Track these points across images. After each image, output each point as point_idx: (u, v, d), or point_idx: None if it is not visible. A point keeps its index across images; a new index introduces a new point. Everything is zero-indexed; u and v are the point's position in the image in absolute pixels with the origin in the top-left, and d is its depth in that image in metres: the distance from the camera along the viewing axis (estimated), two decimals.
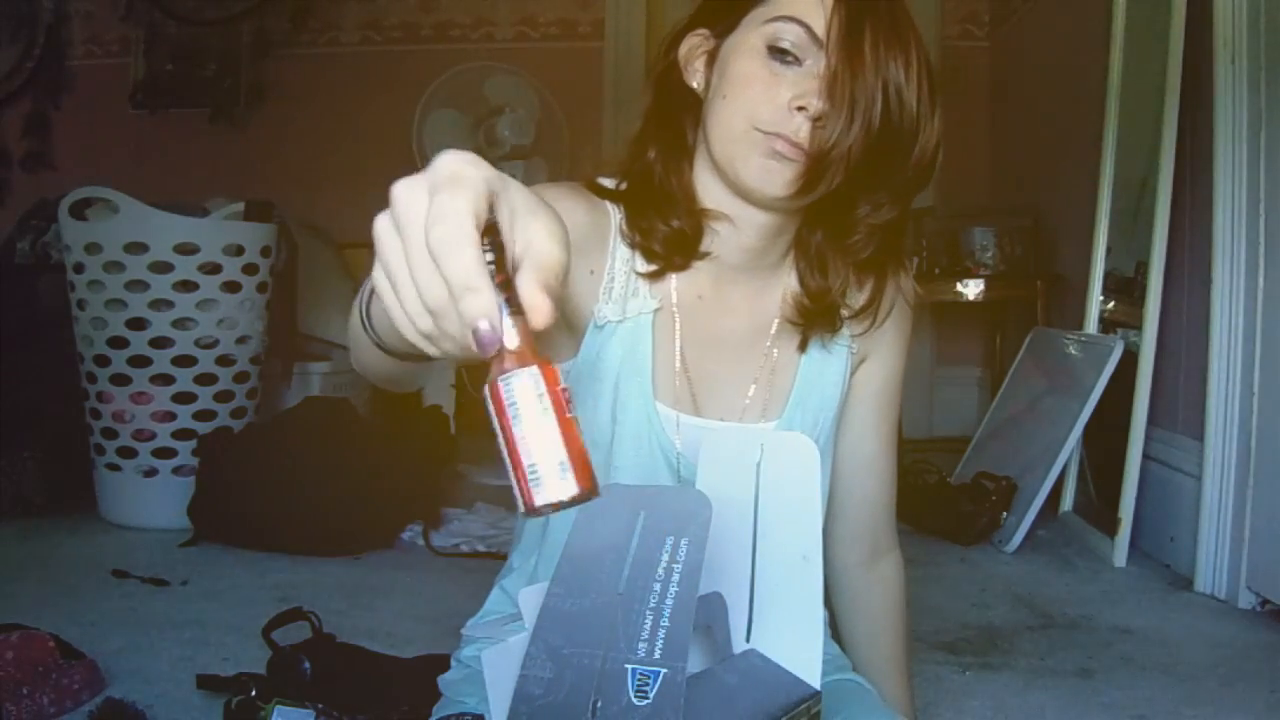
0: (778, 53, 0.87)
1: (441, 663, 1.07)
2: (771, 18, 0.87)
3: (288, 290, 3.01)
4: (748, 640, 0.77)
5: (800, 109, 0.86)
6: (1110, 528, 2.19)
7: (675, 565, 0.69)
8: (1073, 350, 2.50)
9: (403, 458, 2.44)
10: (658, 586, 0.69)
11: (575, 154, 3.58)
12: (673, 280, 0.97)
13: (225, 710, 1.30)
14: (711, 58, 0.93)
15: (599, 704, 0.65)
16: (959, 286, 3.04)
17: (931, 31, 3.68)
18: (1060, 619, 1.84)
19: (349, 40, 3.91)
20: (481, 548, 2.25)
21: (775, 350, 1.00)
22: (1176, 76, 2.14)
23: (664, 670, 0.65)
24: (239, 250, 2.39)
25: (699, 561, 0.70)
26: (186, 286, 2.34)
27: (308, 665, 1.34)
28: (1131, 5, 2.45)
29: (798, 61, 0.86)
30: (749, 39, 0.89)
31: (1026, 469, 2.38)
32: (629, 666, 0.66)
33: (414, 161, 3.38)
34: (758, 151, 0.88)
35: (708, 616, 0.76)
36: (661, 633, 0.67)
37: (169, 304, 2.33)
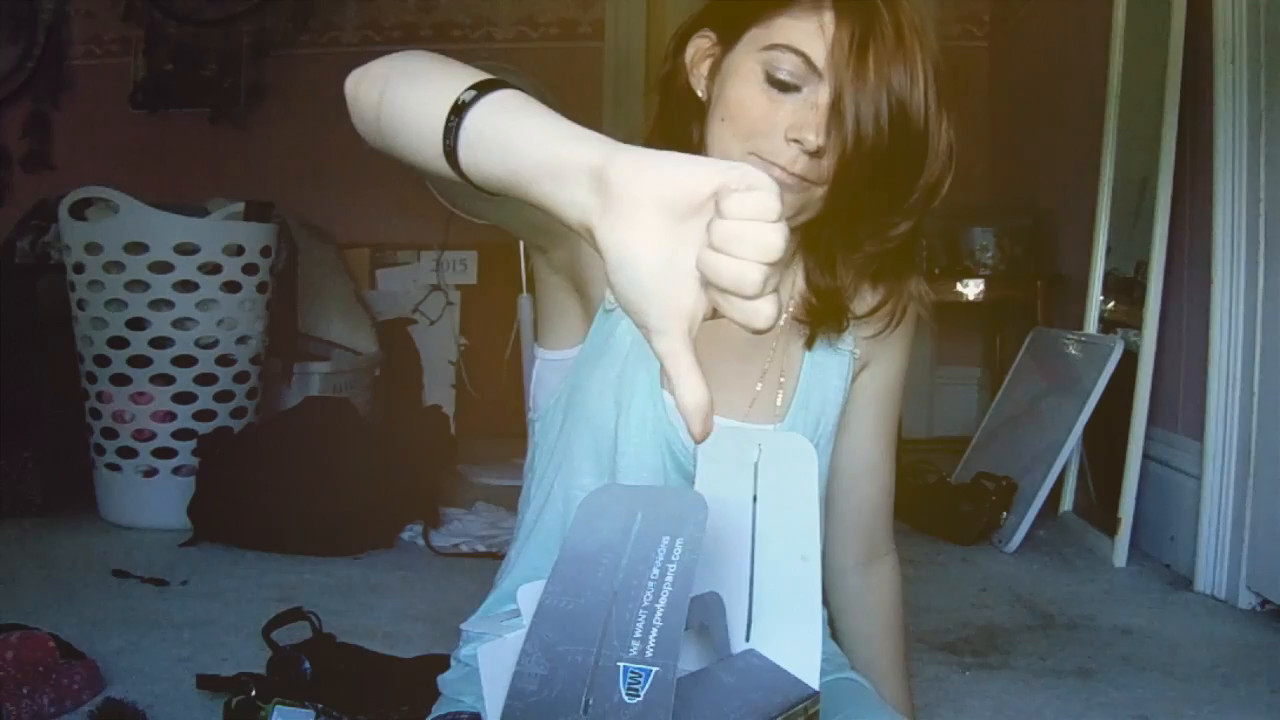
0: (776, 81, 0.86)
1: (441, 662, 1.07)
2: (769, 45, 0.86)
3: (288, 290, 3.01)
4: (748, 640, 0.77)
5: (796, 141, 0.85)
6: (1110, 528, 2.19)
7: (670, 565, 0.70)
8: (1073, 350, 2.50)
9: (403, 458, 2.44)
10: (651, 586, 0.69)
11: None
12: None
13: (225, 710, 1.30)
14: (715, 67, 0.92)
15: (590, 701, 0.65)
16: (959, 286, 3.04)
17: (931, 31, 3.68)
18: (1060, 619, 1.84)
19: (349, 40, 3.90)
20: (481, 548, 2.25)
21: (781, 350, 0.99)
22: (1176, 76, 2.14)
23: (655, 669, 0.66)
24: (239, 250, 2.39)
25: (693, 562, 0.70)
26: (186, 286, 2.34)
27: (308, 665, 1.34)
28: (1131, 5, 2.45)
29: (796, 89, 0.85)
30: (747, 63, 0.87)
31: (1026, 469, 2.38)
32: (621, 664, 0.66)
33: None
34: None
35: (705, 616, 0.76)
36: (654, 632, 0.67)
37: (169, 304, 2.33)
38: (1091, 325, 2.49)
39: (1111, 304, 2.47)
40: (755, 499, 0.80)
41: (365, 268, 3.71)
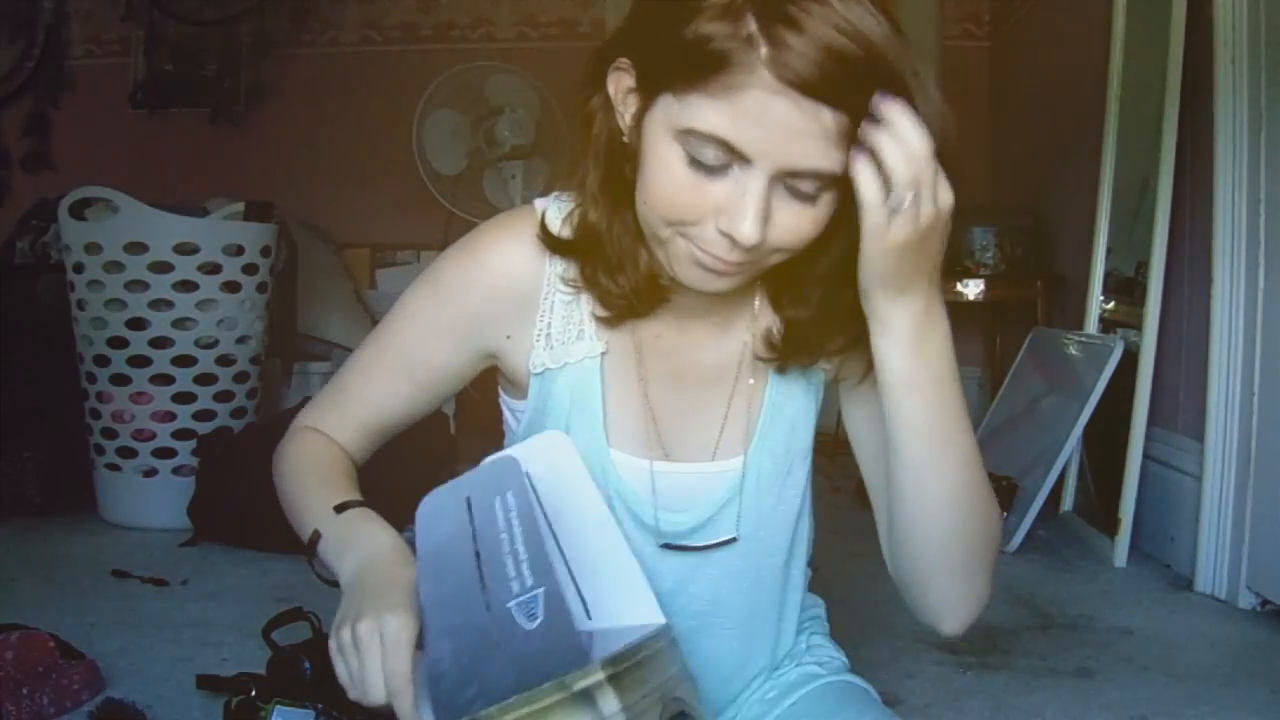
0: (699, 165, 0.77)
1: None
2: (686, 129, 0.76)
3: (288, 290, 3.01)
4: (590, 618, 0.81)
5: (728, 235, 0.77)
6: (1110, 528, 2.19)
7: (511, 514, 0.77)
8: (1073, 350, 2.50)
9: (402, 458, 2.43)
10: (505, 536, 0.75)
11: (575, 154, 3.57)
12: (629, 322, 0.93)
13: (225, 710, 1.30)
14: (637, 119, 0.81)
15: (501, 651, 0.70)
16: (959, 286, 3.04)
17: (931, 31, 3.68)
18: (1060, 619, 1.84)
19: (349, 40, 3.91)
20: None
21: (745, 380, 0.96)
22: (1176, 76, 2.14)
23: (540, 589, 0.72)
24: (239, 250, 2.39)
25: (530, 502, 0.77)
26: (186, 286, 2.34)
27: (308, 665, 1.34)
28: (1131, 5, 2.45)
29: (725, 167, 0.76)
30: (665, 143, 0.78)
31: (1026, 469, 2.38)
32: (510, 605, 0.72)
33: (414, 161, 3.39)
34: (690, 260, 0.81)
35: (558, 585, 0.79)
36: (524, 564, 0.73)
37: (169, 304, 2.33)
38: (1091, 325, 2.49)
39: (1111, 304, 2.47)
40: (538, 501, 0.83)
41: (365, 268, 3.71)
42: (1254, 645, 1.72)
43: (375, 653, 0.77)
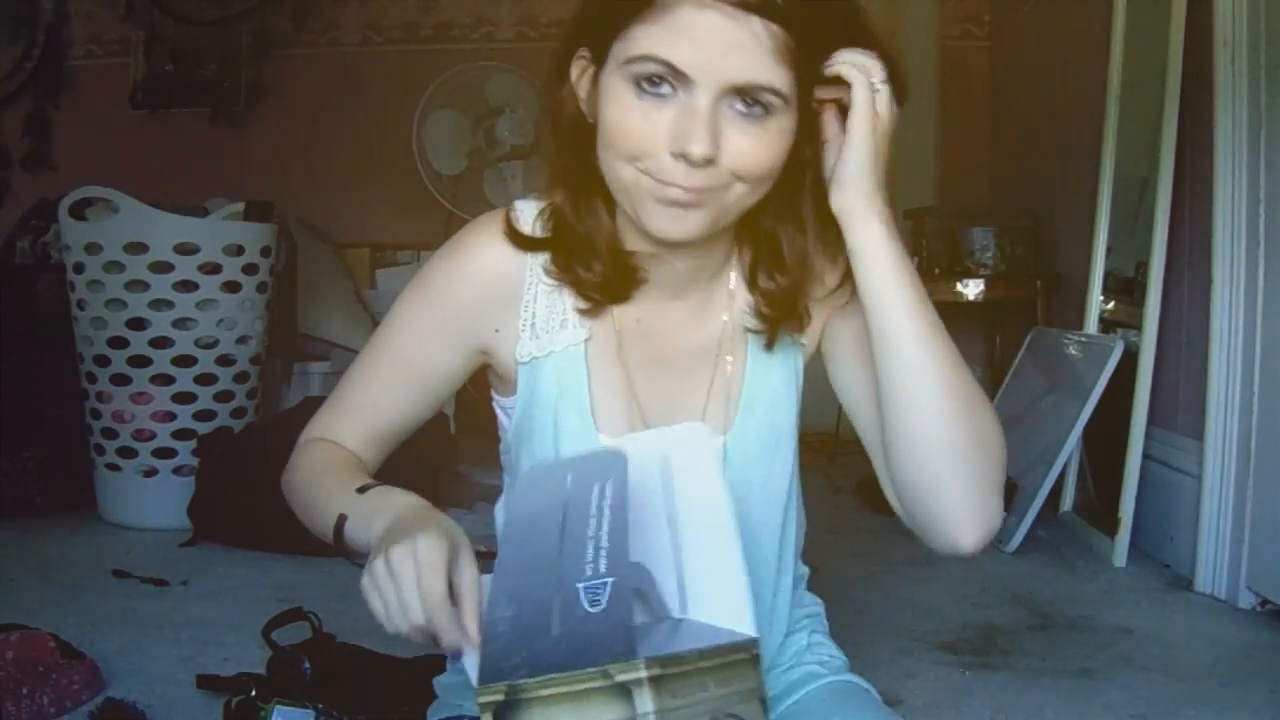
0: (646, 92, 0.81)
1: (441, 662, 1.07)
2: (629, 58, 0.80)
3: (288, 290, 3.01)
4: (686, 612, 0.81)
5: (682, 156, 0.80)
6: (1110, 528, 2.19)
7: (604, 502, 0.77)
8: (1073, 350, 2.50)
9: (402, 458, 2.43)
10: (593, 520, 0.76)
11: None
12: (609, 309, 0.95)
13: (225, 710, 1.30)
14: (593, 88, 0.86)
15: (558, 624, 0.71)
16: (959, 286, 3.04)
17: (931, 31, 3.69)
18: (1060, 619, 1.84)
19: (349, 40, 3.91)
20: (481, 548, 2.23)
21: (726, 357, 0.97)
22: (1176, 76, 2.14)
23: (611, 579, 0.72)
24: (239, 250, 2.39)
25: (624, 497, 0.77)
26: (186, 286, 2.34)
27: (308, 665, 1.34)
28: (1131, 5, 2.46)
29: (672, 91, 0.80)
30: (616, 81, 0.82)
31: (1026, 469, 2.38)
32: (579, 585, 0.72)
33: (414, 161, 3.39)
34: (653, 199, 0.83)
35: (639, 582, 0.80)
36: (603, 553, 0.74)
37: (169, 304, 2.33)
38: (1091, 325, 2.49)
39: (1111, 304, 2.47)
40: (671, 487, 0.84)
41: (365, 268, 3.71)
42: (1254, 645, 1.72)
43: (410, 574, 0.77)
